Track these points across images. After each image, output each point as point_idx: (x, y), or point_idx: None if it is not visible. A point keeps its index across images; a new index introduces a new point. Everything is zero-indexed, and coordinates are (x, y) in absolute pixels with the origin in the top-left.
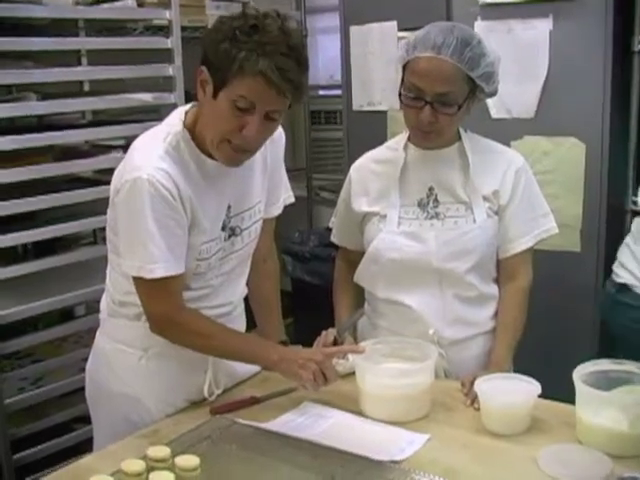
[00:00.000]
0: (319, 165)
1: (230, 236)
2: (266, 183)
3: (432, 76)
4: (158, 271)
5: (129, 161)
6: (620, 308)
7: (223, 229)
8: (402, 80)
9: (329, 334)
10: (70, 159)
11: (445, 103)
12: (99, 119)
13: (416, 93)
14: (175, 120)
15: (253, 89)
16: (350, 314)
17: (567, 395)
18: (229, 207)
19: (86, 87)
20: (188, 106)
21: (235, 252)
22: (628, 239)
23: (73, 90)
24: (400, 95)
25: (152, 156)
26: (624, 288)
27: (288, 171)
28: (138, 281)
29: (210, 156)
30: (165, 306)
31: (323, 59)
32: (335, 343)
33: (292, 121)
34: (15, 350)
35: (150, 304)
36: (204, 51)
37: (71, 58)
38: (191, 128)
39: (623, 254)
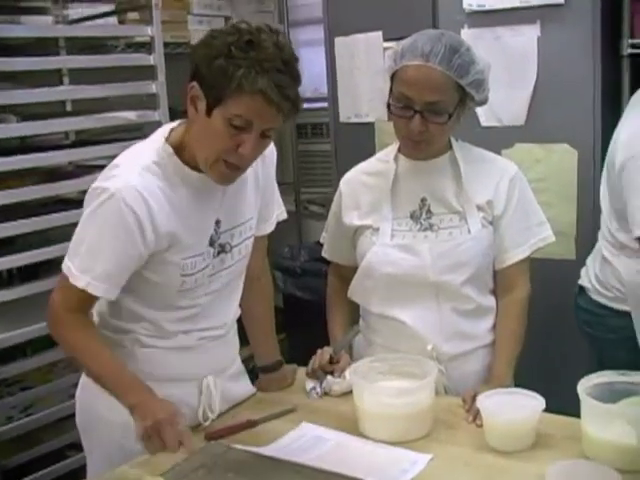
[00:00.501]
0: (307, 179)
1: (219, 252)
2: (259, 200)
3: (421, 84)
4: (80, 282)
5: (106, 171)
6: (578, 311)
7: (211, 245)
8: (390, 90)
9: (324, 353)
10: (54, 181)
11: (435, 112)
12: (83, 139)
13: (405, 102)
14: (158, 137)
15: (251, 108)
16: (345, 331)
17: (569, 407)
18: (218, 222)
19: (68, 107)
20: (175, 123)
21: (225, 269)
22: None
23: (55, 110)
24: (389, 106)
25: (129, 171)
26: (582, 291)
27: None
28: (63, 274)
29: (196, 170)
30: (62, 302)
31: (308, 72)
32: (331, 362)
33: (279, 135)
34: (3, 378)
35: (55, 292)
36: (196, 66)
37: (52, 78)
38: (176, 144)
39: (591, 255)
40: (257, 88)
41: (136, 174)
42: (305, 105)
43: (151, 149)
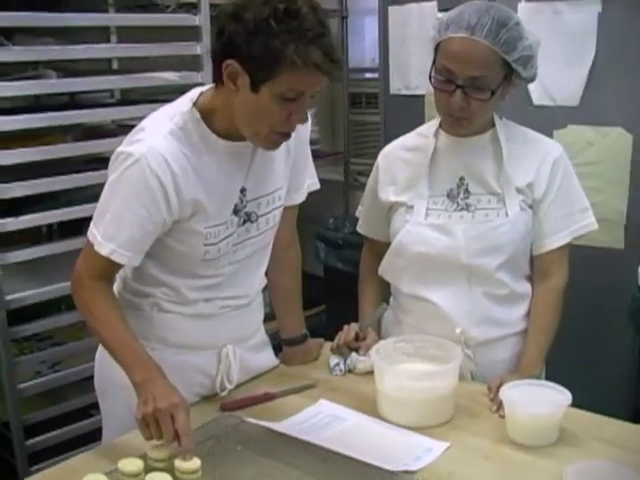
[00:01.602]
0: (358, 149)
1: (245, 222)
2: (289, 169)
3: (464, 59)
4: (104, 250)
5: (132, 134)
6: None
7: (236, 213)
8: (434, 62)
9: (351, 329)
10: (97, 138)
11: (478, 88)
12: (129, 98)
13: (447, 76)
14: (186, 100)
15: (306, 80)
16: (374, 308)
17: (602, 404)
18: (243, 191)
19: (115, 65)
20: (205, 87)
21: (250, 239)
22: None
23: (102, 68)
24: (430, 78)
25: (154, 135)
26: None
27: (326, 155)
28: (88, 240)
29: (223, 137)
30: (87, 269)
31: (366, 41)
32: (357, 338)
33: (332, 104)
34: (35, 333)
35: (80, 260)
36: (230, 42)
37: (101, 35)
38: (204, 109)
39: None
40: (312, 62)
41: (161, 139)
42: (360, 75)
43: (178, 113)
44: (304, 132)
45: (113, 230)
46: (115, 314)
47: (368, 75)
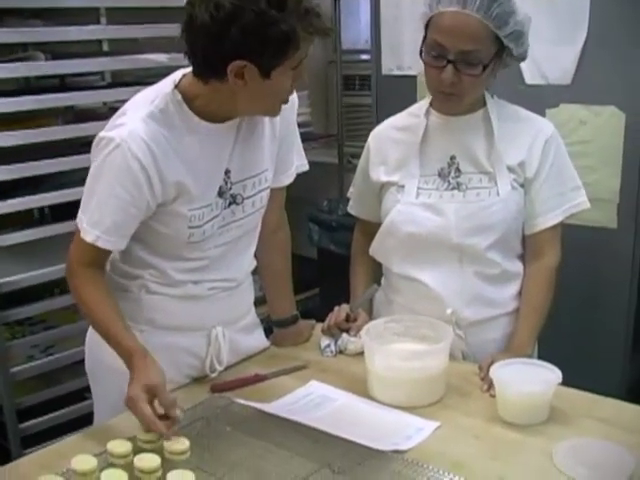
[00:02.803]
0: (352, 132)
1: (230, 204)
2: (275, 150)
3: (456, 32)
4: (89, 236)
5: (114, 118)
6: None
7: (220, 195)
8: (424, 38)
9: (341, 310)
10: (87, 121)
11: (469, 62)
12: (121, 81)
13: (438, 51)
14: (168, 82)
15: (308, 45)
16: (366, 289)
17: (593, 384)
18: (227, 173)
19: (105, 47)
20: (188, 69)
21: (236, 221)
22: None
23: (92, 50)
24: (421, 53)
25: (134, 119)
26: None
27: (320, 137)
28: (77, 227)
29: (205, 119)
30: (77, 256)
31: (359, 22)
32: (348, 319)
33: (325, 87)
34: (27, 316)
35: (72, 246)
36: (235, 46)
37: (91, 17)
38: (186, 92)
39: None
40: (318, 30)
41: (141, 122)
42: (353, 56)
43: (160, 95)
44: (290, 113)
45: (98, 216)
46: (104, 302)
47: (362, 57)
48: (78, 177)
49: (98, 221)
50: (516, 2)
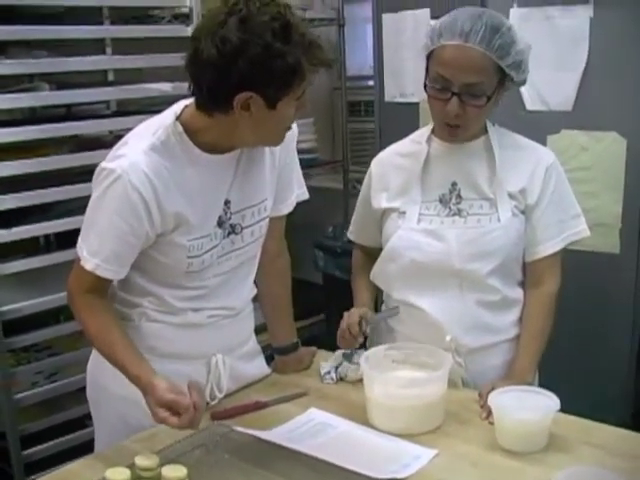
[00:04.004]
0: (357, 157)
1: (229, 234)
2: (275, 179)
3: (459, 65)
4: (89, 265)
5: (115, 148)
6: None
7: (220, 225)
8: (427, 70)
9: (352, 314)
10: (92, 149)
11: (473, 94)
12: (125, 110)
13: (442, 84)
14: (170, 113)
15: (313, 76)
16: (371, 296)
17: (597, 410)
18: (227, 203)
19: (111, 77)
20: (189, 100)
21: (235, 251)
22: None
23: (98, 80)
24: (425, 86)
25: (135, 151)
26: None
27: (325, 163)
28: (77, 256)
29: (206, 150)
30: (76, 285)
31: (363, 49)
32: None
33: (331, 113)
34: (33, 343)
35: (71, 273)
36: (242, 79)
37: (96, 47)
38: (188, 124)
39: None
40: (322, 62)
41: (142, 154)
42: (358, 83)
43: (162, 127)
44: (290, 141)
45: (97, 245)
46: (105, 327)
47: (368, 83)
48: (84, 204)
49: (98, 250)
50: (516, 31)
